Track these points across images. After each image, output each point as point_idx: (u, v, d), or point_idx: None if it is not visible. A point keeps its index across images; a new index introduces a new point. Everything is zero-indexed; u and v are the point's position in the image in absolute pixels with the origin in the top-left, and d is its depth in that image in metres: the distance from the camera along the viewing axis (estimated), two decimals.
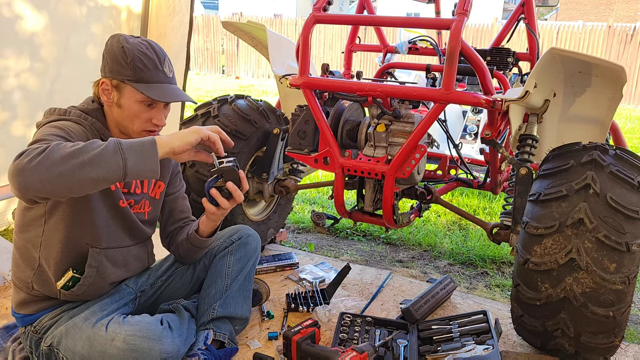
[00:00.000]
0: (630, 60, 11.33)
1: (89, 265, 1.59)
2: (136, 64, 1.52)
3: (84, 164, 1.25)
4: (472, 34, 12.20)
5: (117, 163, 1.29)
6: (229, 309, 1.83)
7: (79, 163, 1.25)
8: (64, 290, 1.59)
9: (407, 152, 1.95)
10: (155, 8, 3.28)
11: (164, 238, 1.91)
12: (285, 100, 2.64)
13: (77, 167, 1.24)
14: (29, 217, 1.56)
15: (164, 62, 1.57)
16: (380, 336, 1.91)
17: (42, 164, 1.22)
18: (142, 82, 1.52)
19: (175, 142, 1.41)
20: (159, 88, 1.54)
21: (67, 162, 1.24)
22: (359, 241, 3.21)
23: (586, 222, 1.57)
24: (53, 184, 1.23)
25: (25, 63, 2.69)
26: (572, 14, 25.59)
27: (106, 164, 1.28)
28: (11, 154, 2.70)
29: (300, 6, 28.53)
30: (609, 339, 1.64)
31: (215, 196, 1.58)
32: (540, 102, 1.99)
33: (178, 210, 1.88)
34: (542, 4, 3.41)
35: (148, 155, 1.34)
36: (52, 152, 1.24)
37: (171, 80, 1.60)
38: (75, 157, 1.25)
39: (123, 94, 1.54)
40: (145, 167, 1.34)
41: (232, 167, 1.57)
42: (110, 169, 1.28)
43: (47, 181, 1.22)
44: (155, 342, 1.49)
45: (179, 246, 1.84)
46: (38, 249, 1.57)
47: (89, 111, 1.60)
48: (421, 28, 2.73)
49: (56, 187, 1.24)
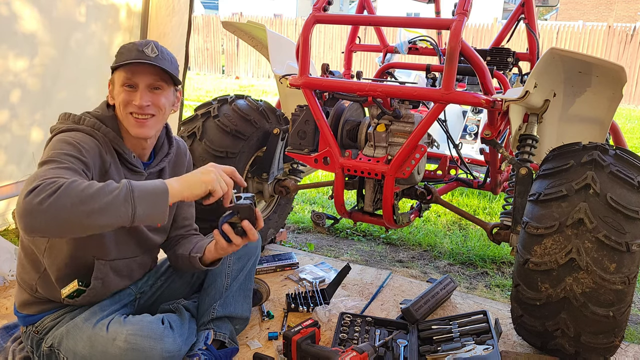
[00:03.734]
0: (630, 60, 11.33)
1: (95, 278, 1.58)
2: (120, 50, 1.55)
3: (94, 211, 1.24)
4: (472, 34, 12.20)
5: (126, 212, 1.28)
6: (229, 308, 1.83)
7: (89, 210, 1.23)
8: (68, 299, 1.59)
9: (407, 152, 1.95)
10: (155, 7, 3.28)
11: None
12: (285, 100, 2.64)
13: (86, 214, 1.23)
14: None
15: (146, 45, 1.54)
16: (380, 336, 1.91)
17: (51, 208, 1.20)
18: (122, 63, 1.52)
19: (185, 193, 1.40)
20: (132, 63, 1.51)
21: (77, 209, 1.22)
22: (359, 241, 3.21)
23: (586, 222, 1.57)
24: (58, 228, 1.23)
25: (24, 62, 2.68)
26: (572, 14, 25.59)
27: (115, 212, 1.27)
28: (11, 154, 2.73)
29: (300, 6, 28.53)
30: (609, 339, 1.64)
31: (228, 233, 1.55)
32: (540, 102, 1.99)
33: (181, 217, 1.86)
34: (542, 4, 3.41)
35: (158, 204, 1.33)
36: (64, 194, 1.22)
37: (154, 59, 1.53)
38: (85, 204, 1.23)
39: (114, 85, 1.56)
40: (154, 215, 1.33)
41: (249, 205, 1.53)
42: (118, 217, 1.27)
43: (54, 225, 1.22)
44: (157, 341, 1.49)
45: (178, 258, 1.81)
46: (43, 253, 1.56)
47: (104, 119, 1.57)
48: (421, 28, 2.73)
49: (61, 231, 1.25)
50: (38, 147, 2.83)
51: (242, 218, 1.54)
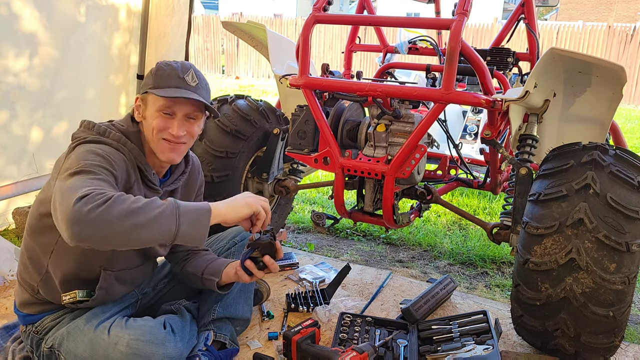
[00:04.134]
0: (630, 60, 11.33)
1: (100, 288, 1.58)
2: (157, 72, 1.54)
3: (140, 225, 1.26)
4: (472, 34, 12.20)
5: (170, 228, 1.30)
6: (230, 309, 1.83)
7: (135, 224, 1.25)
8: (70, 305, 1.58)
9: (407, 152, 1.95)
10: (155, 7, 3.28)
11: (169, 254, 1.86)
12: (285, 100, 2.64)
13: (132, 228, 1.25)
14: (46, 222, 1.51)
15: (187, 72, 1.55)
16: (380, 336, 1.91)
17: (99, 219, 1.21)
18: (160, 88, 1.53)
19: (228, 215, 1.44)
20: (173, 91, 1.52)
21: (124, 222, 1.24)
22: (359, 241, 3.21)
23: (586, 222, 1.57)
24: (104, 240, 1.25)
25: (24, 62, 2.68)
26: (572, 14, 25.59)
27: (160, 228, 1.29)
28: (11, 154, 2.73)
29: (300, 6, 28.52)
30: (609, 339, 1.64)
31: (251, 268, 1.62)
32: (540, 102, 1.99)
33: None
34: (542, 4, 3.42)
35: (201, 224, 1.36)
36: (113, 206, 1.23)
37: (193, 89, 1.55)
38: (133, 217, 1.25)
39: (147, 105, 1.55)
40: (195, 234, 1.36)
41: (270, 241, 1.60)
42: (162, 233, 1.29)
43: (100, 236, 1.23)
44: (159, 346, 1.49)
45: (188, 275, 1.80)
46: (48, 256, 1.55)
47: (129, 134, 1.57)
48: (421, 28, 2.73)
49: (105, 243, 1.26)
50: (38, 147, 2.83)
51: (264, 253, 1.61)
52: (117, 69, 3.26)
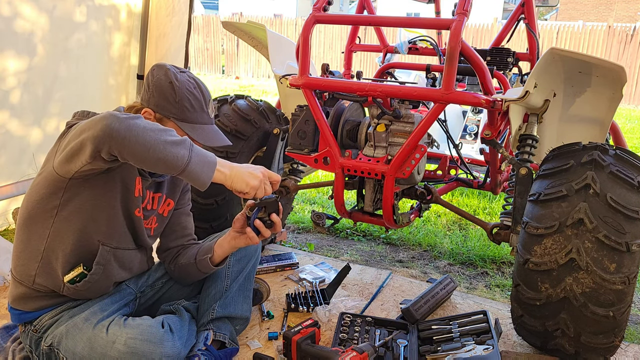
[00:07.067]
0: (630, 60, 11.33)
1: (97, 263, 1.58)
2: (184, 103, 1.56)
3: (161, 142, 1.33)
4: (472, 34, 12.20)
5: (183, 157, 1.35)
6: (229, 309, 1.83)
7: (156, 140, 1.32)
8: (70, 284, 1.57)
9: (407, 152, 1.95)
10: (155, 8, 3.28)
11: (161, 252, 1.89)
12: (285, 100, 2.64)
13: (154, 142, 1.32)
14: (40, 208, 1.53)
15: (209, 104, 1.62)
16: (380, 336, 1.91)
17: (131, 123, 1.30)
18: (187, 122, 1.57)
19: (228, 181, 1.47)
20: (202, 130, 1.59)
21: (149, 134, 1.32)
22: (359, 241, 3.21)
23: (586, 222, 1.57)
24: (126, 142, 1.30)
25: (24, 62, 2.68)
26: (572, 14, 25.59)
27: (176, 153, 1.34)
28: (11, 154, 2.73)
29: (300, 6, 28.53)
30: (609, 339, 1.64)
31: (260, 227, 1.67)
32: (540, 102, 1.99)
33: (181, 227, 1.87)
34: (542, 4, 3.42)
35: (207, 168, 1.41)
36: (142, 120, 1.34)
37: (213, 122, 1.66)
38: (157, 134, 1.33)
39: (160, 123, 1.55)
40: (200, 175, 1.39)
41: (275, 199, 1.66)
42: (176, 159, 1.34)
43: (126, 136, 1.29)
44: (157, 345, 1.49)
45: (182, 268, 1.82)
46: (44, 241, 1.54)
47: None
48: (421, 28, 2.73)
49: (126, 145, 1.30)
50: (38, 147, 2.83)
51: (270, 212, 1.67)
52: (117, 69, 3.26)
